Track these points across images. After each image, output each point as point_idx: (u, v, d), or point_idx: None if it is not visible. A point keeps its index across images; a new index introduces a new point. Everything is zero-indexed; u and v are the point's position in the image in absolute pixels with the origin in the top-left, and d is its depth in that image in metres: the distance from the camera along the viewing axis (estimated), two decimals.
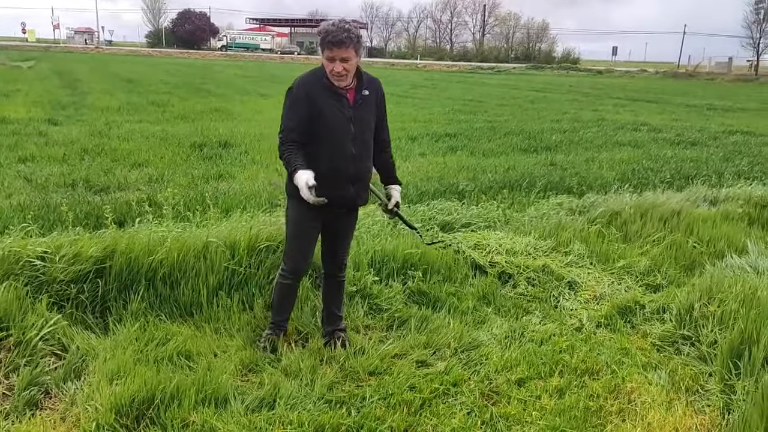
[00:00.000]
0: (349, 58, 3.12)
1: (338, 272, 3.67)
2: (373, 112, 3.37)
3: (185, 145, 10.12)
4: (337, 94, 3.22)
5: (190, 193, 6.63)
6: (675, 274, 4.89)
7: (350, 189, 3.32)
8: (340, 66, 3.12)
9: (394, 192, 3.61)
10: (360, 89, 3.29)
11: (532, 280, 4.72)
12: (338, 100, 3.22)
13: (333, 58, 3.11)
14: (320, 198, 3.06)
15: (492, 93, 27.08)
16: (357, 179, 3.34)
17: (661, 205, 6.40)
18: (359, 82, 3.30)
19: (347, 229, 3.60)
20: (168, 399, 2.90)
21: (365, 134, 3.33)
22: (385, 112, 3.49)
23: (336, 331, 3.67)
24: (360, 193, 3.40)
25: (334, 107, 3.21)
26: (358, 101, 3.28)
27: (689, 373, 3.47)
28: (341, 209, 3.41)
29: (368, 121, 3.34)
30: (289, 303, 3.68)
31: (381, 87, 3.45)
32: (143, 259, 3.94)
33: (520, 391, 3.25)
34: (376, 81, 3.42)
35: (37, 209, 5.55)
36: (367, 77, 3.35)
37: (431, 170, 8.66)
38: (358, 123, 3.27)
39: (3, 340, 3.24)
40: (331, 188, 3.21)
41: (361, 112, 3.29)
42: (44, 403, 2.99)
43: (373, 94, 3.35)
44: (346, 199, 3.36)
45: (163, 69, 36.45)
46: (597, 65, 70.74)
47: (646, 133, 13.82)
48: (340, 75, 3.16)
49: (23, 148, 9.33)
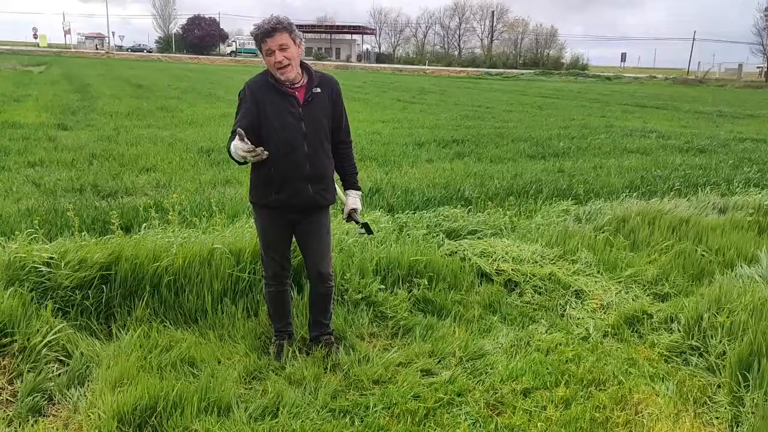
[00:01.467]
0: (286, 45, 3.10)
1: (321, 282, 3.53)
2: (326, 110, 3.30)
3: (193, 150, 10.16)
4: (284, 93, 3.19)
5: (196, 199, 6.63)
6: (683, 284, 4.84)
7: (308, 188, 3.27)
8: (280, 55, 3.09)
9: (349, 198, 3.53)
10: (310, 87, 3.24)
11: (539, 289, 4.69)
12: (287, 99, 3.19)
13: (271, 49, 3.09)
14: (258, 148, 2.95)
15: (500, 99, 27.04)
16: (315, 178, 3.28)
17: (669, 212, 6.35)
18: (309, 80, 3.26)
19: (316, 231, 3.46)
20: (171, 407, 2.89)
21: (319, 132, 3.27)
22: (342, 110, 3.41)
23: (321, 336, 3.63)
24: (321, 192, 3.33)
25: (281, 106, 3.18)
26: (308, 99, 3.23)
27: (697, 384, 3.42)
28: (304, 211, 3.36)
29: (320, 119, 3.27)
30: (284, 308, 3.63)
31: (337, 85, 3.38)
32: (148, 265, 3.95)
33: (525, 402, 3.22)
34: (331, 79, 3.38)
35: (44, 214, 5.57)
36: (319, 75, 3.31)
37: (438, 176, 8.64)
38: (310, 121, 3.22)
39: (7, 346, 3.25)
40: (289, 189, 3.23)
41: (312, 110, 3.24)
42: (47, 410, 2.98)
43: (325, 92, 3.29)
44: (307, 200, 3.30)
45: (172, 74, 36.65)
46: (606, 71, 70.54)
47: (655, 140, 13.74)
48: (282, 65, 3.11)
49: (32, 152, 9.40)
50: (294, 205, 3.29)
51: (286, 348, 3.57)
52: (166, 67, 48.54)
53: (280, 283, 3.53)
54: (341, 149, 3.48)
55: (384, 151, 10.70)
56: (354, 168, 3.57)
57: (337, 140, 3.43)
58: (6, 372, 3.16)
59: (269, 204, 3.31)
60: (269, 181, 3.25)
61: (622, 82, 53.74)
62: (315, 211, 3.41)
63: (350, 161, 3.55)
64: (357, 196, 3.56)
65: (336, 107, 3.36)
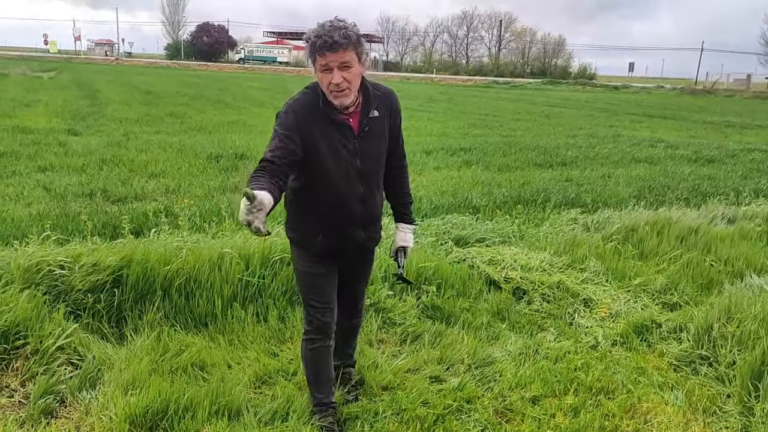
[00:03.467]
0: (349, 63, 2.45)
1: (355, 317, 3.22)
2: (384, 136, 2.75)
3: (202, 156, 10.22)
4: (337, 122, 2.58)
5: (206, 204, 6.67)
6: (692, 293, 4.83)
7: (362, 234, 2.80)
8: (339, 76, 2.44)
9: (399, 234, 3.02)
10: (367, 111, 2.64)
11: (547, 297, 4.69)
12: (339, 130, 2.59)
13: (328, 66, 2.44)
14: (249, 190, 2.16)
15: (507, 108, 27.07)
16: (368, 221, 2.80)
17: (677, 222, 6.34)
18: (365, 101, 2.65)
19: (363, 273, 3.10)
20: (182, 410, 2.91)
21: (375, 167, 2.75)
22: (400, 131, 2.87)
23: (344, 366, 3.35)
24: (373, 236, 2.88)
25: (335, 139, 2.59)
26: (365, 128, 2.64)
27: (706, 393, 3.42)
28: (351, 256, 2.91)
29: (378, 151, 2.75)
30: (327, 372, 2.99)
31: (395, 101, 2.79)
32: (159, 269, 3.98)
33: (534, 409, 3.22)
34: (388, 94, 2.76)
35: (55, 218, 5.62)
36: (376, 93, 2.70)
37: (445, 184, 8.66)
38: (367, 156, 2.67)
39: (20, 348, 3.28)
40: (338, 234, 2.75)
41: (369, 141, 2.67)
42: (59, 412, 3.01)
43: (384, 114, 2.72)
44: (357, 245, 2.84)
45: (181, 81, 36.86)
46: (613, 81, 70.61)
47: (663, 150, 13.73)
48: (341, 89, 2.48)
49: (43, 157, 9.48)
50: (342, 251, 2.82)
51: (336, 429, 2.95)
52: (174, 73, 48.84)
53: (324, 336, 2.88)
54: (396, 174, 2.95)
55: None
56: (409, 197, 3.05)
57: (392, 165, 2.88)
58: (19, 374, 3.19)
59: (314, 247, 2.78)
60: (317, 223, 2.73)
61: (630, 92, 53.68)
62: (365, 255, 3.00)
63: (405, 189, 3.02)
64: (409, 231, 3.03)
65: (393, 128, 2.80)
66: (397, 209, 3.06)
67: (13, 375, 3.20)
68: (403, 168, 2.99)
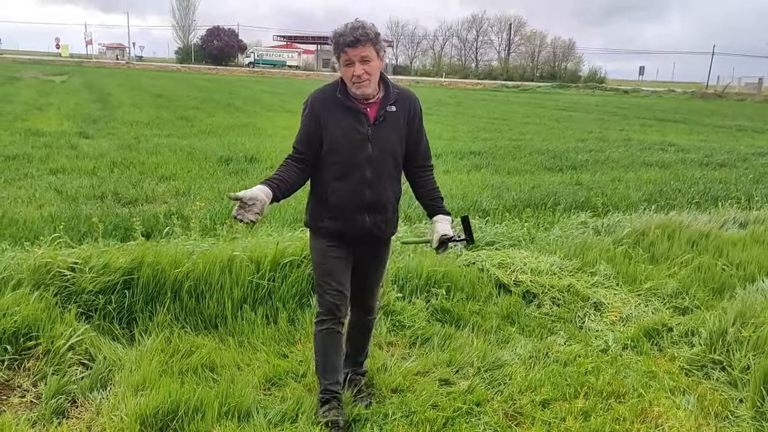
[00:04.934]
0: (369, 57, 2.75)
1: (365, 315, 3.26)
2: (399, 131, 2.91)
3: (212, 159, 10.26)
4: (353, 110, 2.84)
5: (216, 207, 6.70)
6: (704, 297, 4.80)
7: (366, 219, 2.91)
8: (360, 68, 2.74)
9: (437, 225, 3.02)
10: (385, 104, 2.87)
11: (557, 300, 4.67)
12: (355, 117, 2.84)
13: (351, 60, 2.74)
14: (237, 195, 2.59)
15: (517, 111, 27.03)
16: (374, 208, 2.91)
17: (688, 226, 6.31)
18: (385, 95, 2.89)
19: (373, 265, 3.13)
20: (192, 411, 2.92)
21: (386, 156, 2.90)
22: (421, 131, 3.03)
23: (352, 373, 3.35)
24: (380, 224, 2.96)
25: (348, 124, 2.83)
26: (380, 118, 2.86)
27: (719, 398, 3.39)
28: (359, 242, 3.01)
29: (391, 141, 2.90)
30: (336, 357, 3.08)
31: (416, 104, 2.99)
32: (170, 271, 3.99)
33: (544, 413, 3.20)
34: (410, 96, 2.97)
35: (67, 220, 5.65)
36: (397, 91, 2.92)
37: (455, 188, 8.65)
38: (378, 143, 2.85)
39: (32, 349, 3.30)
40: (344, 217, 2.90)
41: (382, 130, 2.86)
42: (71, 412, 3.02)
43: (401, 111, 2.91)
44: (362, 231, 2.93)
45: (192, 84, 37.07)
46: (623, 85, 70.27)
47: (674, 154, 13.67)
48: (361, 80, 2.76)
49: (55, 160, 9.56)
50: (348, 236, 2.94)
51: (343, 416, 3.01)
52: (185, 77, 49.12)
53: (334, 319, 2.99)
54: (420, 175, 3.10)
55: None
56: (438, 192, 3.13)
57: (414, 165, 3.06)
58: (30, 374, 3.21)
59: (322, 230, 2.96)
60: (325, 206, 2.92)
61: (640, 96, 53.49)
62: (372, 244, 3.05)
63: (432, 185, 3.12)
64: (447, 222, 3.05)
65: (412, 128, 2.97)
66: (430, 205, 3.13)
67: (25, 375, 3.22)
68: (429, 168, 3.15)
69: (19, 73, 36.61)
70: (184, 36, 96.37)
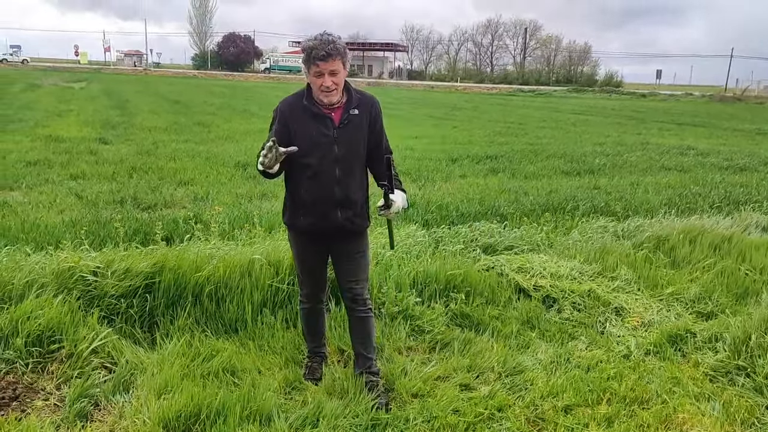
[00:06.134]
0: (337, 71, 2.98)
1: (355, 306, 3.36)
2: (363, 132, 3.14)
3: (229, 164, 10.33)
4: (319, 115, 3.06)
5: (234, 212, 6.73)
6: (727, 302, 4.73)
7: (338, 214, 3.13)
8: (329, 80, 2.98)
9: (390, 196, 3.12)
10: (348, 108, 3.10)
11: (578, 305, 4.63)
12: (321, 121, 3.06)
13: (321, 73, 2.96)
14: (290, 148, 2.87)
15: (533, 115, 26.92)
16: (345, 204, 3.13)
17: (710, 230, 6.23)
18: (348, 100, 3.12)
19: (348, 254, 3.30)
20: (214, 415, 2.93)
21: (352, 156, 3.12)
22: (382, 132, 3.25)
23: (365, 373, 3.39)
24: (351, 218, 3.17)
25: (314, 128, 3.04)
26: (344, 121, 3.08)
27: (744, 405, 3.33)
28: (333, 236, 3.22)
29: (356, 142, 3.12)
30: (317, 328, 3.59)
31: (376, 105, 3.21)
32: (191, 275, 4.02)
33: (567, 419, 3.17)
34: (370, 99, 3.21)
35: (88, 225, 5.71)
36: (358, 95, 3.17)
37: (472, 192, 8.63)
38: (344, 144, 3.08)
39: (55, 352, 3.33)
40: (317, 213, 3.12)
41: (347, 132, 3.09)
42: (94, 415, 3.04)
43: (363, 113, 3.13)
44: (335, 225, 3.15)
45: (208, 90, 37.37)
46: (640, 88, 69.73)
47: (693, 158, 13.52)
48: (330, 90, 3.00)
49: (75, 165, 9.67)
50: (322, 230, 3.17)
51: (318, 370, 3.53)
52: (201, 83, 49.51)
53: (314, 301, 3.49)
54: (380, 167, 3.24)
55: (417, 167, 10.74)
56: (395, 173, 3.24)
57: (377, 157, 3.23)
58: (54, 377, 3.24)
59: (299, 227, 3.23)
60: (299, 204, 3.16)
61: (658, 99, 53.03)
62: (347, 237, 3.25)
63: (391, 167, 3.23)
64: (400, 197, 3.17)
65: (374, 129, 3.20)
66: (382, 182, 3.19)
67: (49, 378, 3.25)
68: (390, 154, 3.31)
69: (39, 81, 37.12)
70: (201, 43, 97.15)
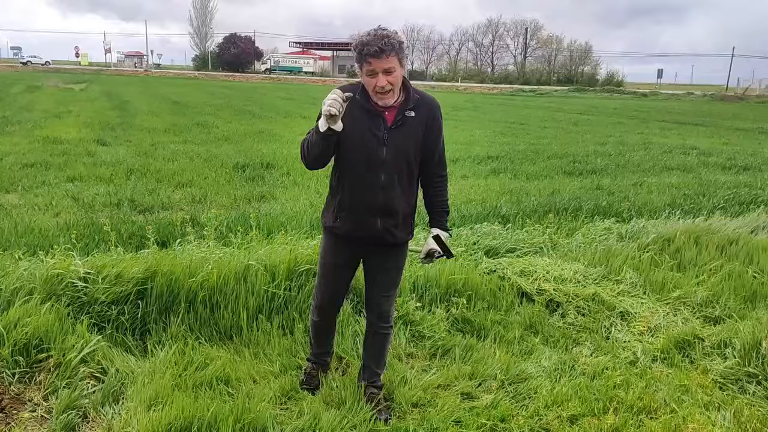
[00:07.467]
0: (392, 68, 2.67)
1: (378, 322, 3.17)
2: (416, 136, 2.85)
3: (228, 165, 10.22)
4: (371, 112, 2.79)
5: (232, 214, 6.62)
6: (735, 306, 4.61)
7: (377, 223, 2.89)
8: (383, 79, 2.68)
9: (430, 239, 3.02)
10: (403, 109, 2.82)
11: (582, 310, 4.52)
12: (372, 120, 2.79)
13: (374, 71, 2.67)
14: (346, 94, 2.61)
15: (534, 115, 26.80)
16: (386, 212, 2.88)
17: (716, 231, 6.12)
18: (405, 100, 2.83)
19: (383, 270, 3.08)
20: (206, 427, 2.81)
21: (400, 161, 2.85)
22: (439, 139, 2.97)
23: (369, 386, 3.25)
24: (391, 229, 2.92)
25: (365, 127, 2.78)
26: (398, 122, 2.81)
27: (756, 414, 3.22)
28: (371, 245, 3.00)
29: (406, 146, 2.84)
30: (324, 338, 3.39)
31: (436, 110, 2.92)
32: (184, 281, 3.90)
33: (572, 429, 3.06)
34: (430, 102, 2.91)
35: (82, 228, 5.60)
36: (417, 95, 2.86)
37: (473, 193, 8.52)
38: (393, 148, 2.81)
39: (43, 362, 3.22)
40: (356, 220, 2.90)
41: (399, 135, 2.81)
42: (82, 428, 2.93)
43: (420, 117, 2.85)
44: (373, 234, 2.92)
45: (209, 91, 37.27)
46: (642, 88, 69.55)
47: (696, 157, 13.40)
48: (384, 90, 2.71)
49: (72, 167, 9.57)
50: (359, 238, 2.95)
51: (317, 378, 3.35)
52: (202, 84, 49.43)
53: (322, 316, 3.25)
54: (432, 183, 3.06)
55: None
56: (445, 205, 3.11)
57: (428, 171, 3.01)
58: (41, 388, 3.13)
59: (334, 229, 2.98)
60: (338, 206, 2.93)
61: (659, 99, 52.86)
62: (385, 248, 3.02)
63: (441, 197, 3.09)
64: (444, 238, 3.05)
65: (430, 135, 2.90)
66: (433, 216, 3.13)
67: (36, 389, 3.14)
68: (442, 177, 3.09)
69: (39, 82, 37.06)
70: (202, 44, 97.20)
